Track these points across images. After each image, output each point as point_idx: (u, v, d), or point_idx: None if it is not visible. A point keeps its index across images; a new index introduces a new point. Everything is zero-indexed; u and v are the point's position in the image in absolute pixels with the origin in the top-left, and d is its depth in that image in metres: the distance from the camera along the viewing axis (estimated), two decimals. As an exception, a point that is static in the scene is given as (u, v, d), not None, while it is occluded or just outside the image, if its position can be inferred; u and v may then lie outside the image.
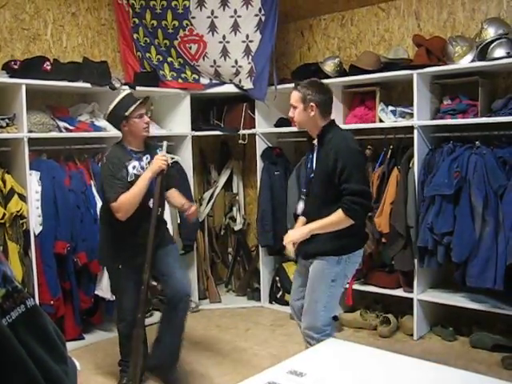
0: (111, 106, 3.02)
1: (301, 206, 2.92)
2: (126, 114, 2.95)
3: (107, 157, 3.03)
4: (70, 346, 3.50)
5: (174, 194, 3.29)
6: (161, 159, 2.96)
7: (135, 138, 3.06)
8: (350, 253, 2.71)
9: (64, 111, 4.02)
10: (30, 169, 3.59)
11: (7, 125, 3.50)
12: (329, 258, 2.69)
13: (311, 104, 2.71)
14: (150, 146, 3.17)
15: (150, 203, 3.02)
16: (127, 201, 2.91)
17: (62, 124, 3.83)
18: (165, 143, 3.06)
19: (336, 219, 2.63)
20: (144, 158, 3.08)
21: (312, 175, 2.80)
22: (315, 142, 2.81)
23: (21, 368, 0.67)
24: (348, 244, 2.72)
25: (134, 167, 3.01)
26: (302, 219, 2.92)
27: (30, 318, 0.71)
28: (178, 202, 3.27)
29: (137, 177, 2.98)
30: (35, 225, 3.57)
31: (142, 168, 3.03)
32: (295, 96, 2.77)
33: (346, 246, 2.71)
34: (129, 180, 2.96)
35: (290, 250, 2.76)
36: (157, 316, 3.82)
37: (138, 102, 2.99)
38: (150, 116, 3.12)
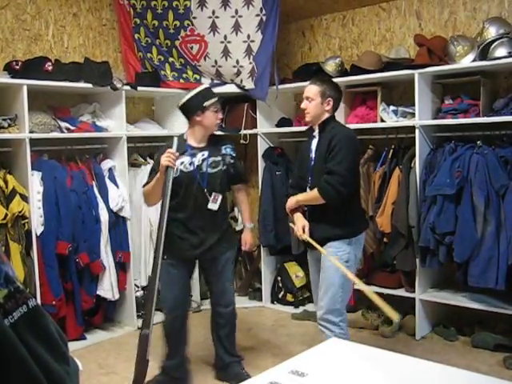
0: (190, 95, 3.07)
1: None
2: (206, 104, 3.03)
3: (163, 147, 3.06)
4: (72, 346, 3.50)
5: (240, 198, 3.38)
6: (166, 156, 2.86)
7: (203, 131, 3.07)
8: (358, 235, 2.91)
9: (65, 111, 4.02)
10: (32, 169, 3.59)
11: (9, 125, 3.51)
12: (341, 241, 2.84)
13: (329, 99, 2.89)
14: (215, 143, 3.14)
15: (210, 203, 3.04)
16: (146, 192, 3.08)
17: (63, 124, 3.84)
18: (175, 139, 2.96)
19: (312, 196, 2.85)
20: (199, 155, 3.04)
21: (312, 163, 2.93)
22: (315, 133, 2.95)
23: (23, 368, 0.67)
24: (356, 227, 2.94)
25: (182, 163, 2.99)
26: (299, 214, 2.99)
27: (32, 318, 0.71)
28: (242, 214, 3.49)
29: (182, 173, 2.98)
30: (37, 225, 3.57)
31: (192, 164, 3.02)
32: (313, 89, 2.91)
33: (355, 230, 2.91)
34: (174, 175, 2.91)
35: (305, 236, 2.87)
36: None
37: (217, 97, 3.09)
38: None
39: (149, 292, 2.98)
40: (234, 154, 3.17)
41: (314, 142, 2.94)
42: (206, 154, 3.05)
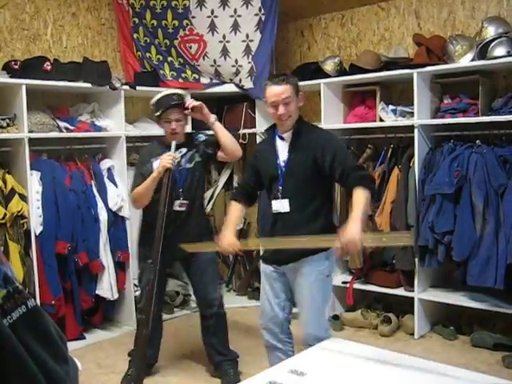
0: (152, 101, 3.12)
1: (283, 205, 2.61)
2: (157, 114, 3.09)
3: (142, 150, 3.15)
4: (71, 345, 3.50)
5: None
6: (166, 158, 2.95)
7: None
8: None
9: (64, 111, 4.02)
10: (31, 169, 3.59)
11: (8, 125, 3.50)
12: (320, 255, 2.54)
13: (301, 93, 2.59)
14: (191, 139, 3.18)
15: (176, 205, 3.05)
16: (136, 195, 3.08)
17: (62, 124, 3.84)
18: (173, 143, 3.04)
19: (365, 197, 2.39)
20: (177, 152, 3.08)
21: (284, 168, 2.58)
22: (286, 135, 2.60)
23: (22, 368, 0.67)
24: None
25: (161, 159, 3.02)
26: (236, 206, 2.77)
27: (31, 318, 0.71)
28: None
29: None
30: (36, 225, 3.57)
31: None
32: (287, 89, 2.50)
33: None
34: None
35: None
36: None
37: (165, 108, 3.04)
38: (179, 120, 3.09)
39: (149, 292, 2.98)
40: (205, 137, 3.18)
41: (282, 145, 2.61)
42: (184, 149, 3.12)
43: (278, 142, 2.62)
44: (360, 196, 2.38)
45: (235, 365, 3.29)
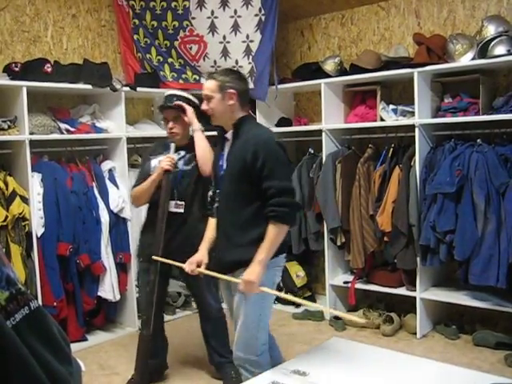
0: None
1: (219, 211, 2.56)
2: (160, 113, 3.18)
3: (146, 150, 3.19)
4: (73, 347, 3.48)
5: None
6: (164, 160, 2.98)
7: None
8: (273, 257, 2.36)
9: (65, 113, 4.03)
10: (32, 171, 3.59)
11: (9, 127, 3.51)
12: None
13: (231, 91, 2.44)
14: (193, 143, 3.12)
15: (172, 206, 3.04)
16: (135, 194, 3.13)
17: (63, 126, 3.84)
18: (172, 145, 3.06)
19: (273, 235, 2.30)
20: (176, 154, 3.09)
21: (222, 172, 2.50)
22: (228, 135, 2.51)
23: (25, 370, 0.67)
24: None
25: (160, 161, 3.05)
26: (213, 221, 2.61)
27: (34, 319, 0.71)
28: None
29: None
30: (37, 227, 3.57)
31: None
32: (211, 85, 2.46)
33: None
34: (151, 173, 3.05)
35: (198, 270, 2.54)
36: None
37: (159, 108, 3.11)
38: (174, 121, 3.09)
39: (149, 294, 2.98)
40: None
41: (227, 146, 2.52)
42: (183, 152, 3.12)
43: (226, 144, 2.54)
44: (269, 234, 2.30)
45: (235, 367, 3.27)
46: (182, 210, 3.05)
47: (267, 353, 2.49)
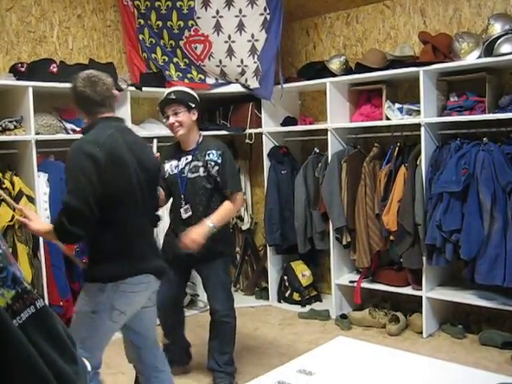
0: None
1: None
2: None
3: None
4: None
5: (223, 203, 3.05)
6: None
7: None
8: (117, 280, 2.16)
9: (71, 113, 4.03)
10: (38, 170, 3.61)
11: (15, 127, 3.52)
12: (91, 285, 2.24)
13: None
14: (203, 147, 3.06)
15: (182, 213, 3.04)
16: None
17: (69, 126, 3.85)
18: (154, 141, 3.02)
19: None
20: (183, 159, 3.06)
21: None
22: None
23: (32, 368, 0.67)
24: (113, 269, 2.17)
25: (171, 165, 3.07)
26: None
27: (40, 318, 0.72)
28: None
29: (170, 176, 3.05)
30: (44, 226, 3.58)
31: (177, 167, 3.06)
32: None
33: (111, 271, 2.17)
34: (165, 176, 3.05)
35: None
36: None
37: (159, 104, 3.11)
38: (176, 116, 3.05)
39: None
40: (220, 160, 2.99)
41: None
42: (189, 157, 3.06)
43: None
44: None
45: (229, 379, 3.20)
46: (190, 213, 3.03)
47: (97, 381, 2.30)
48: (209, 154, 3.01)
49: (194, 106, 3.05)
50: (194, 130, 3.09)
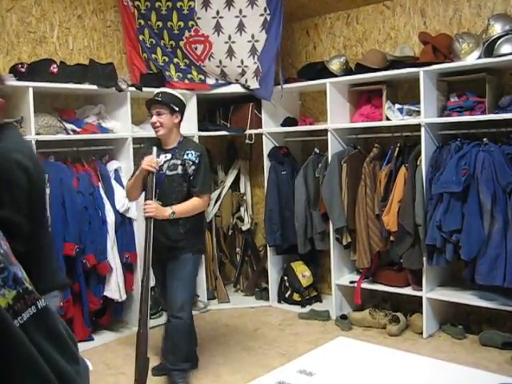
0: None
1: None
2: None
3: (142, 150, 3.33)
4: (80, 346, 3.50)
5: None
6: (146, 161, 3.02)
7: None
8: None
9: (71, 113, 4.04)
10: (38, 171, 3.60)
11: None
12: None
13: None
14: (183, 147, 3.17)
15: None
16: (126, 189, 3.35)
17: (69, 126, 3.85)
18: (154, 149, 3.10)
19: None
20: (162, 156, 3.14)
21: None
22: None
23: (34, 368, 0.67)
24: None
25: (142, 161, 3.09)
26: None
27: (41, 318, 0.72)
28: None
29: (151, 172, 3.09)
30: (44, 227, 3.58)
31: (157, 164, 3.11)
32: None
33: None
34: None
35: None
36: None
37: (146, 104, 3.19)
38: (159, 116, 3.13)
39: (142, 292, 3.00)
40: (197, 161, 3.10)
41: None
42: (169, 156, 3.15)
43: None
44: None
45: (184, 375, 3.20)
46: None
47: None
48: (187, 154, 3.13)
49: (177, 109, 3.16)
50: (174, 131, 3.20)
